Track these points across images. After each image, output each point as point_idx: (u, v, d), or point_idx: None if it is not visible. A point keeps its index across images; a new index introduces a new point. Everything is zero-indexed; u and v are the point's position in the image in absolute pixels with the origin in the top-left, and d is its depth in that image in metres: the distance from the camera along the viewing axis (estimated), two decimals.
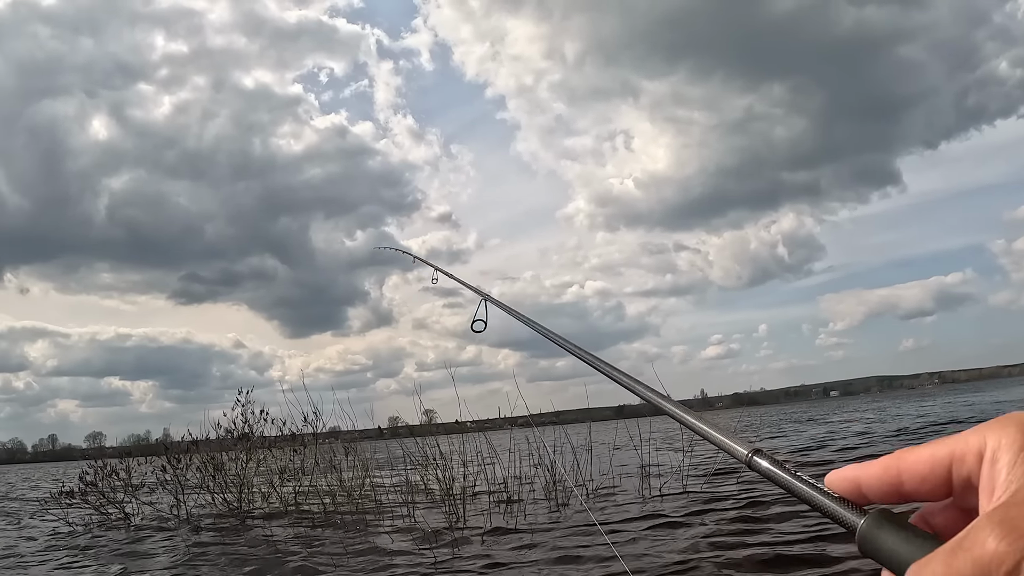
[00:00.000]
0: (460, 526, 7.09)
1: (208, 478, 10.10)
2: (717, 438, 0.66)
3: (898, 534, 0.45)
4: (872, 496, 0.49)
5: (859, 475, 0.50)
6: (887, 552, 0.45)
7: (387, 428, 13.90)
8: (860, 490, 0.50)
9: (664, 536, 5.80)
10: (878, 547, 0.46)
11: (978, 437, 0.44)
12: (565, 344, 1.22)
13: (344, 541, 6.69)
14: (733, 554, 4.93)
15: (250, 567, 5.83)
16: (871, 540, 0.46)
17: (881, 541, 0.46)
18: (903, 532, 0.45)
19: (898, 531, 0.45)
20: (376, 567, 5.56)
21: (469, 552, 5.89)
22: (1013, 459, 0.41)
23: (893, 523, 0.46)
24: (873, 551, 0.46)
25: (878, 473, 0.49)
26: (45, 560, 6.95)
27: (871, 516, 0.47)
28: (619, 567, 4.86)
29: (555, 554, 5.46)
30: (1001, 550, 0.37)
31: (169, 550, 6.99)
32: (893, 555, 0.45)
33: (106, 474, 10.36)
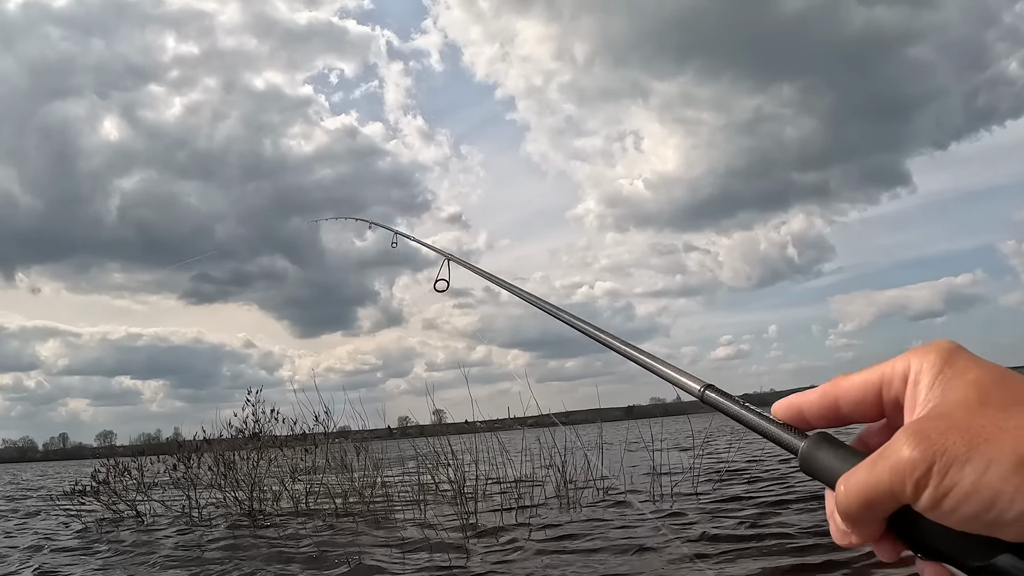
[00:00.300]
0: (472, 524, 7.09)
1: (219, 477, 10.13)
2: (670, 375, 0.70)
3: (833, 453, 0.51)
4: (813, 420, 0.55)
5: (800, 402, 0.55)
6: (823, 469, 0.51)
7: (397, 428, 13.92)
8: (803, 415, 0.55)
9: (673, 535, 5.78)
10: (816, 466, 0.51)
11: (904, 362, 0.50)
12: (530, 298, 1.21)
13: (355, 539, 6.70)
14: (741, 553, 4.92)
15: (260, 565, 5.84)
16: (810, 460, 0.52)
17: (818, 460, 0.51)
18: (837, 451, 0.51)
19: (833, 450, 0.51)
20: (388, 564, 5.56)
21: (482, 549, 5.89)
22: (932, 380, 0.47)
23: (829, 443, 0.52)
24: (812, 470, 0.52)
25: (817, 399, 0.54)
26: (55, 557, 6.98)
27: (810, 439, 0.53)
28: (629, 565, 4.86)
29: (567, 551, 5.46)
30: (915, 456, 0.42)
31: (181, 547, 7.01)
32: (828, 471, 0.50)
33: (119, 472, 10.40)
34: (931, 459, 0.42)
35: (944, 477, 0.41)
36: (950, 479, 0.41)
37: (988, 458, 0.40)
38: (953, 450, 0.41)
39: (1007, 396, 0.43)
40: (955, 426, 0.42)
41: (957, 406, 0.44)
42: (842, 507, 0.47)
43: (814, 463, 0.51)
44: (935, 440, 0.42)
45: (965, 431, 0.42)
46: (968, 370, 0.46)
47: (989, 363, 0.47)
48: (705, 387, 0.65)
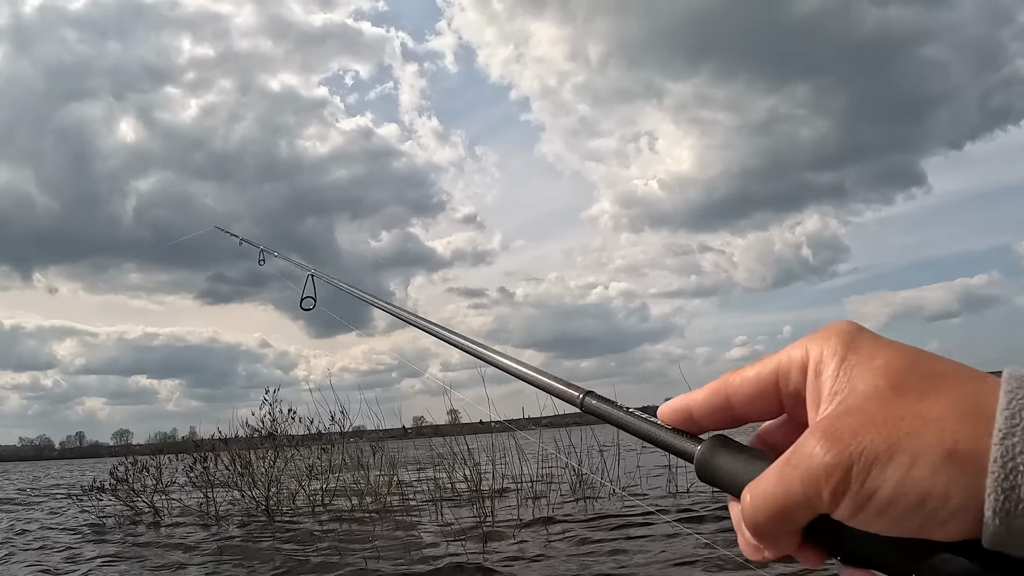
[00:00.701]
0: (489, 523, 7.09)
1: (236, 476, 10.19)
2: (550, 384, 0.67)
3: (733, 457, 0.46)
4: (704, 422, 0.49)
5: (688, 403, 0.50)
6: (724, 476, 0.46)
7: (412, 427, 13.94)
8: (692, 418, 0.50)
9: (690, 530, 5.76)
10: (715, 473, 0.46)
11: (801, 350, 0.44)
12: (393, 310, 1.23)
13: (372, 538, 6.71)
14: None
15: (277, 563, 5.87)
16: (707, 467, 0.47)
17: (717, 466, 0.46)
18: (737, 454, 0.45)
19: (732, 454, 0.46)
20: (405, 563, 5.58)
21: (499, 548, 5.89)
22: (836, 369, 0.42)
23: (727, 447, 0.46)
24: (711, 477, 0.47)
25: (705, 398, 0.49)
26: (73, 553, 7.04)
27: (706, 443, 0.48)
28: (642, 559, 4.85)
29: (583, 549, 5.46)
30: (829, 460, 0.37)
31: (198, 546, 7.05)
32: (729, 478, 0.45)
33: (137, 471, 10.48)
34: (848, 461, 0.37)
35: (865, 480, 0.36)
36: (872, 482, 0.36)
37: (912, 454, 0.35)
38: (872, 449, 0.36)
39: (922, 381, 0.38)
40: (870, 421, 0.37)
41: (869, 398, 0.39)
42: (750, 521, 0.41)
43: (713, 470, 0.46)
44: (849, 440, 0.37)
45: (883, 426, 0.37)
46: (875, 355, 0.41)
47: (897, 344, 0.42)
48: (584, 394, 0.61)
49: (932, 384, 0.38)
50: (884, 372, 0.40)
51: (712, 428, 0.50)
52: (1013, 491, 0.34)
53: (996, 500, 0.34)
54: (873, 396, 0.39)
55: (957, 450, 0.35)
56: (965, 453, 0.35)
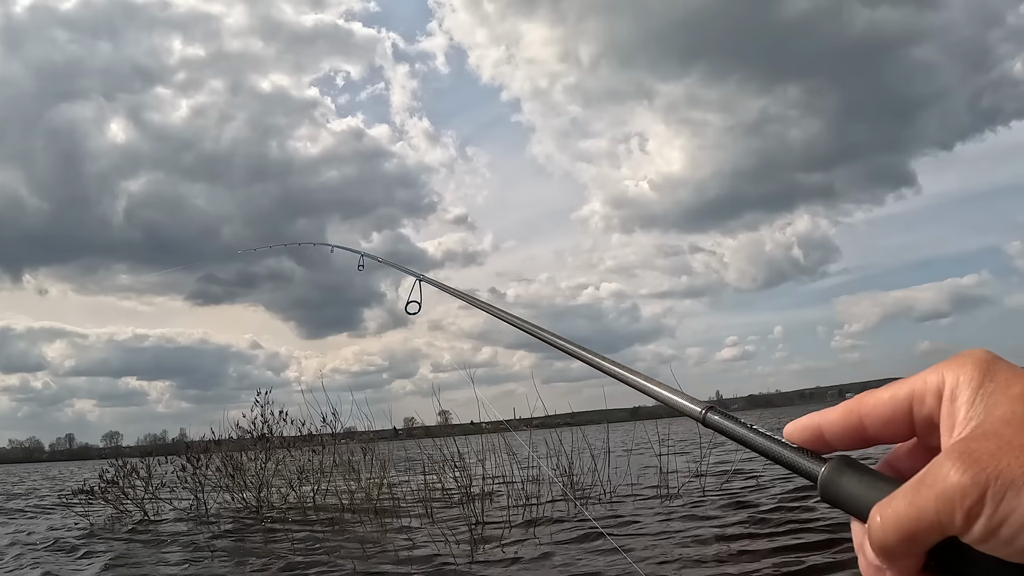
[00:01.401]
0: (478, 526, 7.10)
1: (227, 478, 10.16)
2: (671, 398, 0.66)
3: (859, 479, 0.45)
4: (835, 442, 0.49)
5: (820, 422, 0.49)
6: (849, 497, 0.45)
7: (403, 429, 13.92)
8: (823, 437, 0.49)
9: (678, 535, 5.79)
10: (839, 494, 0.46)
11: (937, 376, 0.44)
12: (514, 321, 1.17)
13: (362, 540, 6.71)
14: (748, 553, 4.93)
15: (268, 565, 5.87)
16: (832, 487, 0.46)
17: (842, 487, 0.45)
18: (864, 476, 0.45)
19: (859, 476, 0.45)
20: (394, 565, 5.58)
21: (488, 551, 5.90)
22: (972, 396, 0.42)
23: (854, 468, 0.46)
24: (835, 498, 0.46)
25: (839, 418, 0.49)
26: (62, 556, 7.01)
27: (831, 463, 0.47)
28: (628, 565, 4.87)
29: (575, 553, 5.47)
30: (964, 482, 0.37)
31: (188, 548, 7.03)
32: (855, 499, 0.45)
33: (126, 473, 10.44)
34: (984, 484, 0.37)
35: (1000, 504, 0.36)
36: (1007, 506, 0.36)
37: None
38: (1008, 473, 0.36)
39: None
40: (1008, 446, 0.38)
41: (1006, 424, 0.39)
42: (878, 541, 0.41)
43: (838, 491, 0.46)
44: (987, 463, 0.37)
45: (1020, 451, 0.37)
46: (1012, 383, 0.41)
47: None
48: (706, 409, 0.60)
49: None
50: (1021, 399, 0.40)
51: (842, 448, 0.49)
52: None
53: None
54: (1010, 422, 0.39)
55: None
56: None
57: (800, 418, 0.51)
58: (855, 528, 0.46)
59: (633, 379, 0.74)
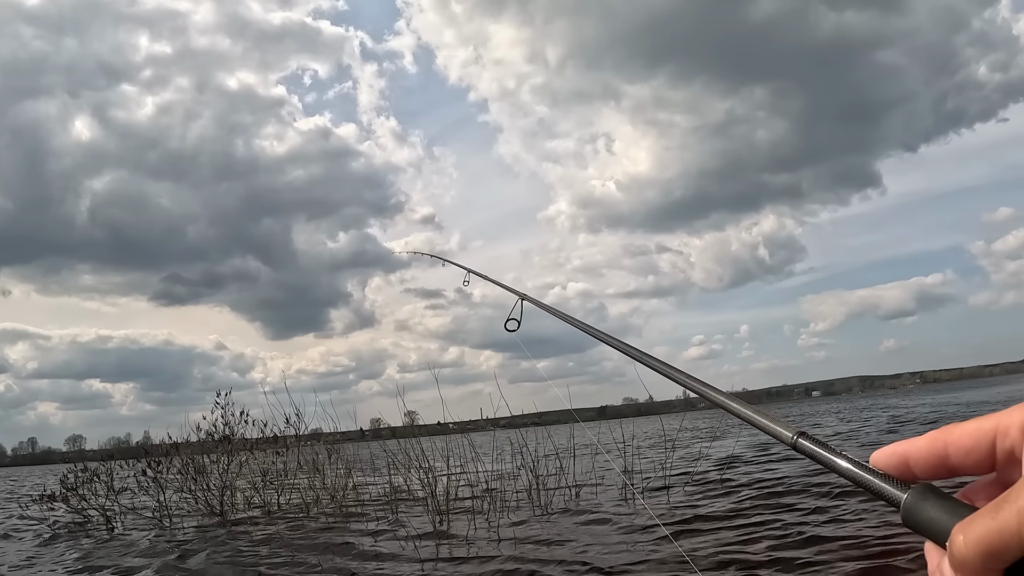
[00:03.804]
0: (444, 527, 7.13)
1: (189, 480, 10.07)
2: (762, 423, 0.69)
3: (942, 505, 0.47)
4: (919, 471, 0.51)
5: (907, 450, 0.52)
6: (930, 521, 0.47)
7: (369, 430, 13.88)
8: (907, 465, 0.51)
9: (641, 536, 5.87)
10: (921, 519, 0.48)
11: (1021, 412, 0.46)
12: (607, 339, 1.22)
13: (327, 542, 6.71)
14: (706, 551, 5.01)
15: (232, 568, 5.84)
16: (915, 512, 0.49)
17: (924, 513, 0.48)
18: (946, 503, 0.47)
19: (942, 502, 0.48)
20: (359, 567, 5.59)
21: (453, 551, 5.93)
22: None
23: (936, 495, 0.48)
24: (916, 523, 0.48)
25: (925, 447, 0.50)
26: (25, 565, 6.92)
27: (915, 490, 0.50)
28: (597, 564, 4.93)
29: (538, 553, 5.52)
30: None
31: (150, 553, 6.97)
32: (936, 523, 0.47)
33: (87, 478, 10.30)
34: None
35: None
36: None
37: None
38: None
39: None
40: None
41: None
42: (959, 556, 0.43)
43: (920, 515, 0.48)
44: None
45: None
46: None
47: None
48: (798, 435, 0.63)
49: None
50: None
51: (925, 477, 0.51)
52: None
53: None
54: None
55: None
56: None
57: (887, 446, 0.53)
58: (931, 553, 0.49)
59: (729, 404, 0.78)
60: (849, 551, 4.56)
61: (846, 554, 4.51)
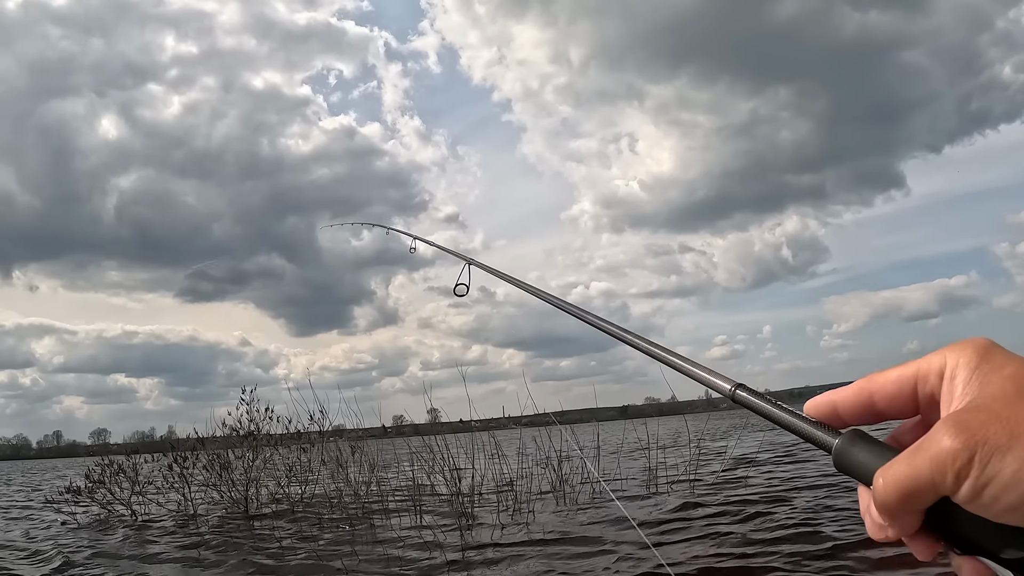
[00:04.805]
0: (469, 525, 7.08)
1: (215, 476, 10.10)
2: (701, 375, 0.71)
3: (868, 449, 0.51)
4: (847, 417, 0.55)
5: (835, 399, 0.56)
6: (858, 465, 0.51)
7: (392, 427, 13.87)
8: (837, 412, 0.56)
9: (673, 535, 5.79)
10: (851, 462, 0.52)
11: (940, 357, 0.50)
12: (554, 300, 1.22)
13: (352, 540, 6.69)
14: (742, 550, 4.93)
15: (255, 565, 5.83)
16: (844, 457, 0.52)
17: (853, 456, 0.52)
18: (873, 447, 0.51)
19: (868, 446, 0.51)
20: (385, 566, 5.56)
21: (478, 551, 5.88)
22: (969, 375, 0.48)
23: (864, 440, 0.52)
24: (847, 466, 0.52)
25: (852, 395, 0.55)
26: (51, 557, 6.95)
27: (845, 435, 0.53)
28: (633, 565, 4.86)
29: (564, 552, 5.46)
30: (955, 447, 0.43)
31: (175, 548, 6.99)
32: (863, 467, 0.50)
33: (113, 472, 10.37)
34: (972, 449, 0.42)
35: (985, 467, 0.42)
36: (991, 469, 0.42)
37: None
38: (994, 440, 0.42)
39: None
40: (995, 417, 0.43)
41: (996, 399, 0.45)
42: (880, 499, 0.47)
43: (849, 459, 0.52)
44: (976, 430, 0.43)
45: (1006, 421, 0.42)
46: (1005, 365, 0.47)
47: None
48: (736, 386, 0.66)
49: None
50: (1012, 379, 0.46)
51: (853, 423, 0.55)
52: None
53: None
54: (1000, 397, 0.45)
55: None
56: None
57: (819, 395, 0.57)
58: (862, 494, 0.53)
59: (667, 356, 0.79)
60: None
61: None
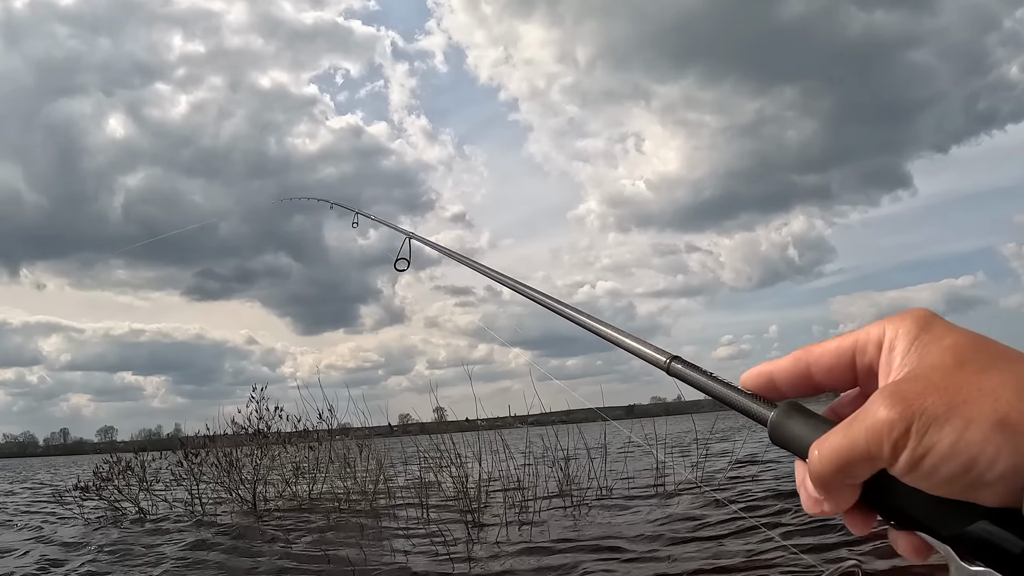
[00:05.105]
0: (475, 524, 7.09)
1: (223, 474, 10.13)
2: (636, 347, 0.69)
3: (804, 421, 0.49)
4: (785, 388, 0.53)
5: (771, 369, 0.54)
6: (794, 438, 0.49)
7: (398, 425, 13.89)
8: (774, 384, 0.54)
9: (679, 538, 5.78)
10: (786, 434, 0.50)
11: (879, 328, 0.49)
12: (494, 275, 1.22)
13: (359, 538, 6.70)
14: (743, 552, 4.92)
15: (263, 563, 5.85)
16: (780, 429, 0.50)
17: (789, 429, 0.50)
18: (808, 419, 0.49)
19: (804, 419, 0.50)
20: (391, 564, 5.57)
21: (485, 551, 5.89)
22: (907, 346, 0.47)
23: (800, 412, 0.50)
24: (782, 439, 0.50)
25: (788, 366, 0.53)
26: (59, 555, 6.98)
27: (780, 407, 0.51)
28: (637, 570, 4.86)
29: (570, 550, 5.46)
30: (892, 417, 0.42)
31: (183, 545, 7.01)
32: (799, 440, 0.49)
33: (121, 469, 10.40)
34: (909, 419, 0.41)
35: (923, 438, 0.41)
36: (929, 439, 0.40)
37: (967, 418, 0.40)
38: (932, 410, 0.41)
39: (984, 358, 0.43)
40: (933, 387, 0.42)
41: (934, 369, 0.44)
42: (815, 472, 0.46)
43: (784, 432, 0.50)
44: (913, 401, 0.42)
45: (944, 392, 0.41)
46: (944, 335, 0.46)
47: (964, 329, 0.46)
48: (671, 359, 0.64)
49: (992, 362, 0.43)
50: (951, 349, 0.45)
51: (791, 395, 0.53)
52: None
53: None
54: (938, 367, 0.44)
55: (1008, 420, 0.39)
56: (1015, 424, 0.39)
57: (755, 367, 0.55)
58: (798, 467, 0.51)
59: (600, 328, 0.77)
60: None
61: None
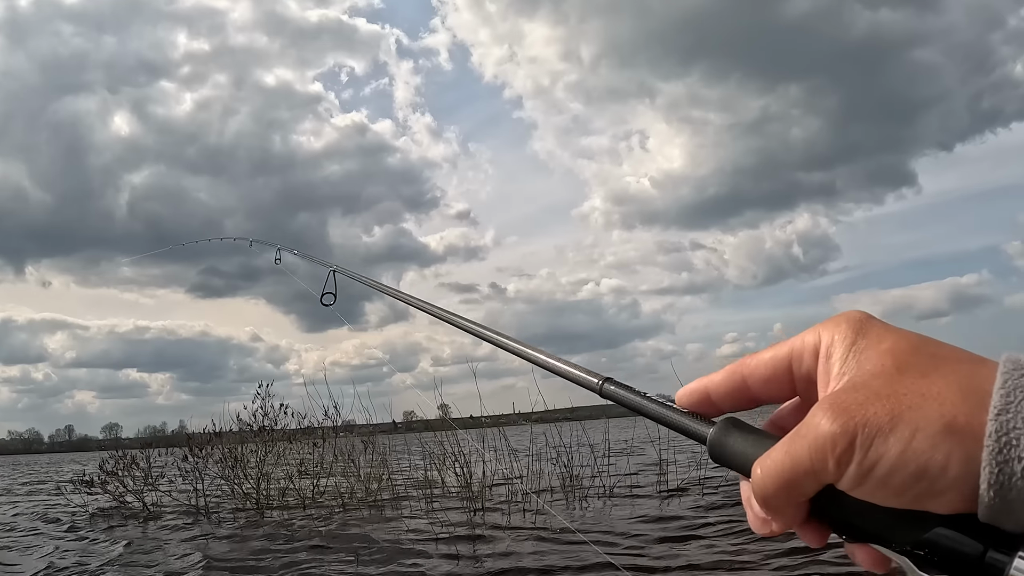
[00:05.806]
0: (479, 521, 7.09)
1: (227, 470, 10.14)
2: (568, 371, 0.68)
3: (744, 437, 0.48)
4: (721, 404, 0.52)
5: (706, 385, 0.52)
6: (735, 455, 0.48)
7: (402, 422, 13.90)
8: (710, 400, 0.52)
9: (677, 536, 5.78)
10: (727, 452, 0.48)
11: (814, 336, 0.47)
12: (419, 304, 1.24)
13: (363, 535, 6.70)
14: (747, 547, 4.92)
15: (267, 559, 5.85)
16: (720, 447, 0.49)
17: (729, 446, 0.48)
18: (749, 435, 0.48)
19: (744, 434, 0.48)
20: (395, 562, 5.57)
21: (489, 548, 5.89)
22: (845, 353, 0.45)
23: (739, 428, 0.49)
24: (723, 457, 0.48)
25: (723, 380, 0.51)
26: (65, 548, 7.00)
27: (718, 424, 0.50)
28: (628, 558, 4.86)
29: (573, 545, 5.46)
30: (835, 430, 0.40)
31: (187, 540, 7.02)
32: (741, 457, 0.47)
33: (126, 464, 10.42)
34: (853, 432, 0.39)
35: (868, 450, 0.39)
36: (875, 451, 0.38)
37: (913, 426, 0.38)
38: (875, 421, 0.39)
39: (925, 362, 0.41)
40: (875, 396, 0.40)
41: (875, 376, 0.42)
42: (759, 492, 0.44)
43: (725, 450, 0.48)
44: (855, 412, 0.40)
45: (886, 400, 0.39)
46: (882, 339, 0.44)
47: (904, 331, 0.44)
48: (603, 380, 0.62)
49: (934, 364, 0.41)
50: (890, 353, 0.43)
51: (729, 409, 0.52)
52: (1007, 464, 0.36)
53: (991, 473, 0.36)
54: (879, 374, 0.42)
55: (955, 424, 0.38)
56: (963, 427, 0.37)
57: (689, 383, 0.53)
58: (743, 485, 0.49)
59: (532, 354, 0.76)
60: None
61: None
